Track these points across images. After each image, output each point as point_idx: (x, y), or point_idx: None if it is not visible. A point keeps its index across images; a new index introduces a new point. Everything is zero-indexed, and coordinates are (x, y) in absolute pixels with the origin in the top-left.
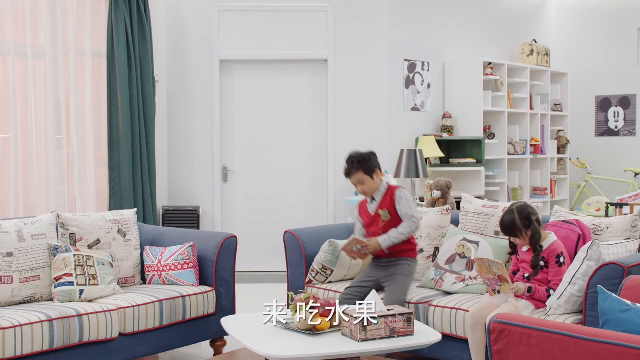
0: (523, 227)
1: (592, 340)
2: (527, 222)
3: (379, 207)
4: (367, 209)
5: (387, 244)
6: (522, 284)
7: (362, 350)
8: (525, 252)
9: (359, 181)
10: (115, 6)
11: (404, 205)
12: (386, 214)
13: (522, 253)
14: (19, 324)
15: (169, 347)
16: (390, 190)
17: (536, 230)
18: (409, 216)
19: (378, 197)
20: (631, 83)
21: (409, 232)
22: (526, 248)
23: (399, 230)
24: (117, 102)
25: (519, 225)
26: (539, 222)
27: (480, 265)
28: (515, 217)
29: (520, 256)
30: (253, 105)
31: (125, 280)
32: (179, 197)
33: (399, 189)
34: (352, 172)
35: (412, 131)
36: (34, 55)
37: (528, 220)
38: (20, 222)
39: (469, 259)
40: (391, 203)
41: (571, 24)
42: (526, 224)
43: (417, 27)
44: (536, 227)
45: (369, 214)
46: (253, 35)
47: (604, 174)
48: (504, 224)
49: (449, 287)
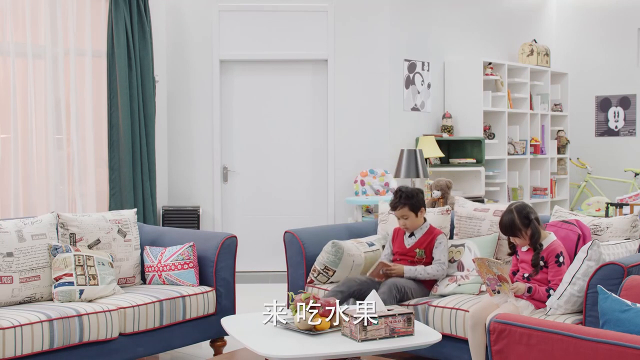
0: (522, 227)
1: (592, 340)
2: (526, 221)
3: (416, 244)
4: (402, 241)
5: (411, 274)
6: (521, 284)
7: (362, 350)
8: (524, 252)
9: (403, 216)
10: (115, 6)
11: (440, 251)
12: (422, 253)
13: (522, 253)
14: (19, 324)
15: (169, 347)
16: (431, 232)
17: (536, 229)
18: (440, 262)
19: (418, 234)
20: (631, 83)
21: (434, 276)
22: (525, 248)
23: (427, 269)
24: (117, 102)
25: (519, 224)
26: (537, 221)
27: (480, 265)
28: (515, 216)
29: (520, 256)
30: (253, 105)
31: (125, 280)
32: (179, 197)
33: (442, 235)
34: (398, 207)
35: (412, 131)
36: (34, 55)
37: (527, 219)
38: (20, 222)
39: (458, 261)
40: (429, 245)
41: (571, 24)
42: (525, 222)
43: (417, 27)
44: (535, 225)
45: (403, 246)
46: (253, 35)
47: (604, 174)
48: (504, 224)
49: (443, 289)
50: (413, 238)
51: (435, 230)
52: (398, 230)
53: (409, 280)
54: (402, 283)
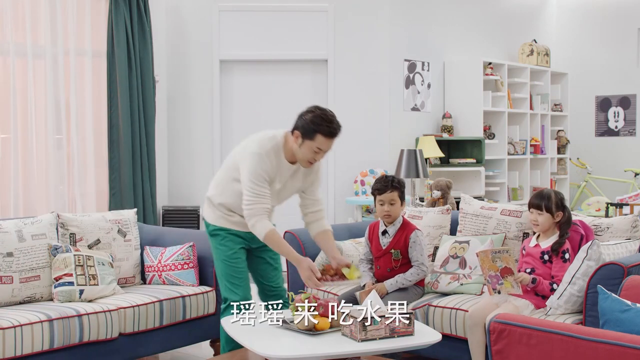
0: (556, 208)
1: (592, 340)
2: (561, 206)
3: (391, 244)
4: (378, 241)
5: (394, 288)
6: (526, 275)
7: (362, 350)
8: (532, 247)
9: (391, 200)
10: (115, 6)
11: (417, 250)
12: (398, 254)
13: (529, 248)
14: (19, 324)
15: (169, 347)
16: (405, 227)
17: (570, 216)
18: (418, 263)
19: (391, 231)
20: (631, 83)
21: (417, 280)
22: (534, 243)
23: (406, 277)
24: (117, 102)
25: (554, 202)
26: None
27: (483, 259)
28: (552, 196)
29: (527, 250)
30: (253, 105)
31: (125, 280)
32: (179, 197)
33: (415, 232)
34: (388, 190)
35: (412, 131)
36: (34, 55)
37: (562, 205)
38: (20, 222)
39: (461, 258)
40: (405, 243)
41: (571, 24)
42: (560, 206)
43: (417, 27)
44: (570, 212)
45: (379, 247)
46: (253, 35)
47: (604, 174)
48: (537, 199)
49: (444, 287)
50: (387, 237)
51: (409, 226)
52: (373, 227)
53: (396, 292)
54: (394, 298)
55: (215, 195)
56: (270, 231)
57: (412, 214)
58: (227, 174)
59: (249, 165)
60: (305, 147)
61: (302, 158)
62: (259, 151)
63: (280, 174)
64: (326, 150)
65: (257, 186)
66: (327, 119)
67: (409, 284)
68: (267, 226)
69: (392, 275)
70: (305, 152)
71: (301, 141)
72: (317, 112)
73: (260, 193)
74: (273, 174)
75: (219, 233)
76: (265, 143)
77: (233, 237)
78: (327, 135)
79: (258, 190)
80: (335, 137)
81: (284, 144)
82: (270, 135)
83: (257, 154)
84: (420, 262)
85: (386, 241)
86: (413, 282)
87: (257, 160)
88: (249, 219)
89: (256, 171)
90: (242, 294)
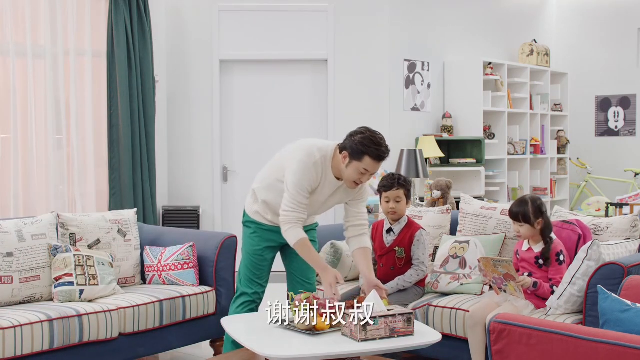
0: (534, 217)
1: (592, 340)
2: (539, 213)
3: (396, 242)
4: (382, 239)
5: (394, 290)
6: (528, 278)
7: (362, 350)
8: (525, 251)
9: (397, 198)
10: (115, 6)
11: (420, 249)
12: (401, 252)
13: (522, 252)
14: (19, 324)
15: (169, 347)
16: (410, 226)
17: (548, 222)
18: (419, 262)
19: (397, 229)
20: (631, 83)
21: (416, 280)
22: (526, 247)
23: (406, 278)
24: (117, 102)
25: (532, 211)
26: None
27: (486, 265)
28: (529, 204)
29: (521, 255)
30: (253, 105)
31: (125, 280)
32: (179, 197)
33: (420, 231)
34: (394, 187)
35: (412, 131)
36: (34, 55)
37: (540, 211)
38: (20, 222)
39: (461, 258)
40: (409, 241)
41: (571, 24)
42: (538, 213)
43: (417, 27)
44: (548, 218)
45: (383, 245)
46: (253, 35)
47: (604, 174)
48: (515, 210)
49: (444, 287)
50: (392, 235)
51: (414, 225)
52: (377, 226)
53: (396, 293)
54: (394, 299)
55: (260, 190)
56: (302, 239)
57: (412, 214)
58: (272, 174)
59: (295, 172)
60: (352, 168)
61: (347, 178)
62: (306, 160)
63: (323, 186)
64: (373, 172)
65: (298, 195)
66: (376, 141)
67: (409, 285)
68: (300, 234)
69: (394, 274)
70: (351, 173)
71: (349, 161)
72: (366, 134)
73: (300, 202)
74: (316, 185)
75: (250, 226)
76: (314, 153)
77: (263, 233)
78: (375, 158)
79: (299, 199)
80: (383, 161)
81: (332, 157)
82: (319, 146)
83: (304, 162)
84: (420, 262)
85: (390, 239)
86: (412, 283)
87: (303, 169)
88: (283, 225)
89: (301, 180)
90: (256, 289)
